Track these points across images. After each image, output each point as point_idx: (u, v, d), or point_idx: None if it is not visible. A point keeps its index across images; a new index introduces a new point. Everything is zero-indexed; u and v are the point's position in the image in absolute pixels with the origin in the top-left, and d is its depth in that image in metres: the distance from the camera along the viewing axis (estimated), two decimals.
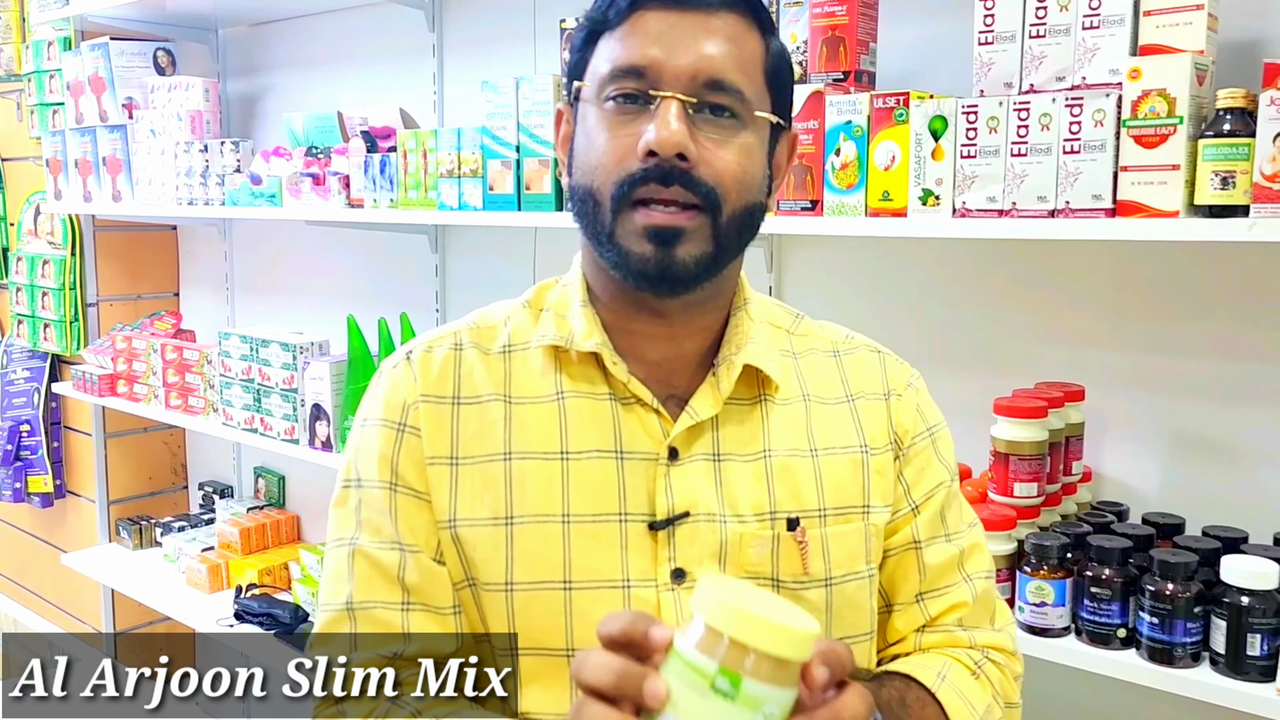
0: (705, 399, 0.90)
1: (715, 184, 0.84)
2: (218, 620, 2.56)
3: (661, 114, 0.83)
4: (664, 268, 0.84)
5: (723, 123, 0.84)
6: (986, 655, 0.96)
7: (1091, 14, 1.28)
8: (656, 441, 0.89)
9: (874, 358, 1.00)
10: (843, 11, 1.50)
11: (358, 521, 0.92)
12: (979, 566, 0.98)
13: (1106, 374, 1.54)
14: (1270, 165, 1.13)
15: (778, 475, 0.90)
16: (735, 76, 0.85)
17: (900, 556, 0.96)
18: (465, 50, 2.33)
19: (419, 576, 0.90)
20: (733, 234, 0.86)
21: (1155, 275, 1.49)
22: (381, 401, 0.93)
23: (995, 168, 1.32)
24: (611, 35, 0.87)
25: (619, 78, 0.85)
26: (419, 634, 0.90)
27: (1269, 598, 1.19)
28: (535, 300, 0.97)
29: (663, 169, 0.82)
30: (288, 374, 2.34)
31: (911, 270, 1.72)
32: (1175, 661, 1.24)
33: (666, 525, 0.87)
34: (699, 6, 0.85)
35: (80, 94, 2.87)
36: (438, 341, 0.95)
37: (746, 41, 0.87)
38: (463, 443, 0.90)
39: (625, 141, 0.84)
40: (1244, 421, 1.43)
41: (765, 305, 0.99)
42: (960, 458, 1.60)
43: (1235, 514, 1.40)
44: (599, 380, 0.91)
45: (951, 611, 0.96)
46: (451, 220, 2.02)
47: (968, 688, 0.93)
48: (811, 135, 1.48)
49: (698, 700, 0.60)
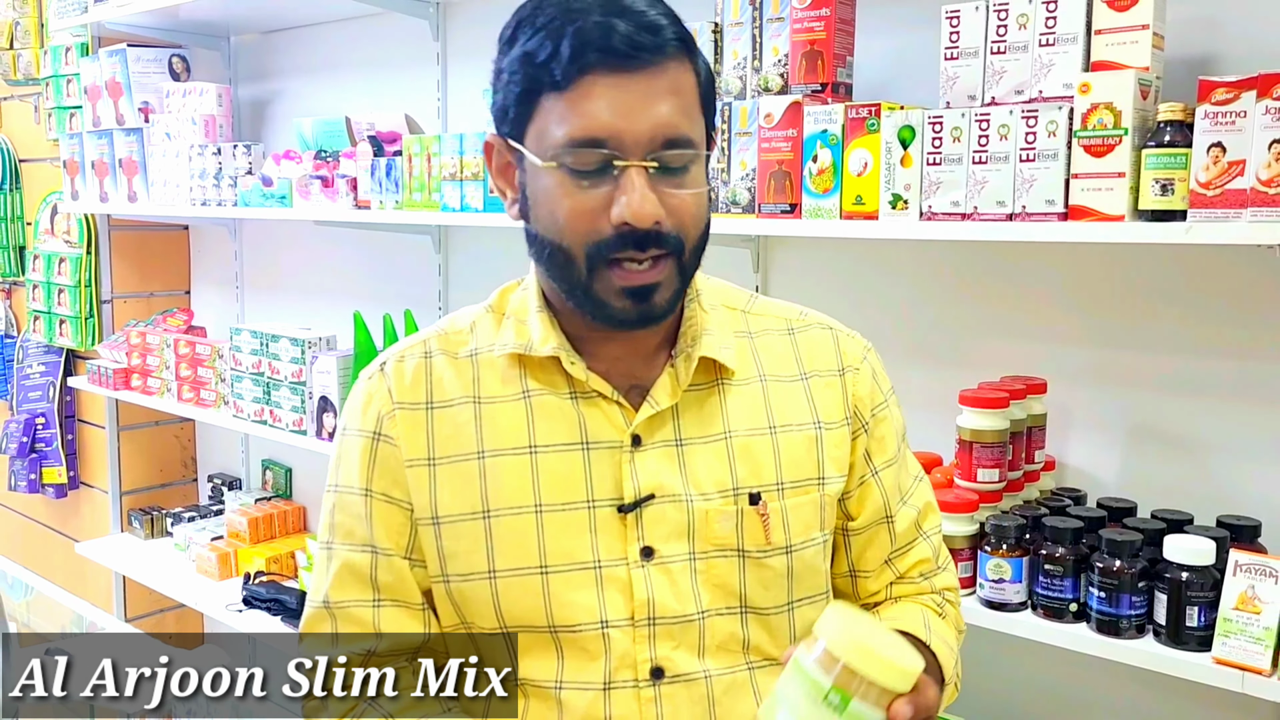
0: (664, 389, 0.98)
1: (680, 232, 0.90)
2: (226, 606, 2.65)
3: (630, 185, 0.87)
4: (643, 315, 0.92)
5: (678, 172, 0.90)
6: (945, 597, 1.10)
7: (1047, 32, 1.38)
8: (620, 430, 0.97)
9: (827, 335, 1.07)
10: (821, 27, 1.60)
11: (333, 525, 1.01)
12: (933, 523, 1.10)
13: (1070, 369, 1.63)
14: (1205, 173, 1.22)
15: (739, 454, 0.99)
16: (685, 127, 0.89)
17: (874, 530, 1.07)
18: (468, 59, 2.44)
19: (390, 575, 0.99)
20: (694, 261, 0.94)
21: (1109, 275, 1.59)
22: (359, 413, 1.01)
23: (958, 174, 1.42)
24: (559, 97, 0.88)
25: (579, 147, 0.87)
26: (390, 630, 0.99)
27: (1206, 573, 1.29)
28: (498, 305, 1.04)
29: (637, 236, 0.88)
30: (296, 368, 2.44)
31: (886, 270, 1.81)
32: (1121, 633, 1.33)
33: (634, 508, 0.96)
34: (646, 66, 0.87)
35: (98, 98, 2.97)
36: (409, 351, 1.03)
37: (685, 82, 0.91)
38: (438, 444, 0.98)
39: (592, 205, 0.88)
40: (1195, 413, 1.53)
41: (718, 290, 1.06)
42: (929, 446, 1.72)
43: (1187, 499, 1.50)
44: (561, 378, 0.98)
45: (916, 567, 1.09)
46: (453, 221, 2.11)
47: (945, 631, 1.06)
48: (790, 143, 1.58)
49: (810, 707, 0.79)
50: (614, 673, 0.96)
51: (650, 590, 0.96)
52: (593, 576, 0.96)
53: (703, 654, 0.97)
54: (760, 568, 0.99)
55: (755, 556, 0.99)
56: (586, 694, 0.96)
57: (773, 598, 1.00)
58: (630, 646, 0.95)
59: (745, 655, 0.99)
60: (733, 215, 1.65)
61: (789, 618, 1.01)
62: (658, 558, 0.96)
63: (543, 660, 0.97)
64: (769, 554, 0.99)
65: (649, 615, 0.96)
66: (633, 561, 0.96)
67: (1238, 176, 1.20)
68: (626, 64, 0.87)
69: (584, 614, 0.95)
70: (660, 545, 0.96)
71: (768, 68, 1.66)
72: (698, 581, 0.97)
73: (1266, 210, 1.18)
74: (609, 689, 0.95)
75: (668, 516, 0.97)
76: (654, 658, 0.96)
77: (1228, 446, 1.50)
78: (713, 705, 0.97)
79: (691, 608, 0.97)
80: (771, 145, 1.60)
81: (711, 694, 0.97)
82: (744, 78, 1.69)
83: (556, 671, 0.97)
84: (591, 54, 0.86)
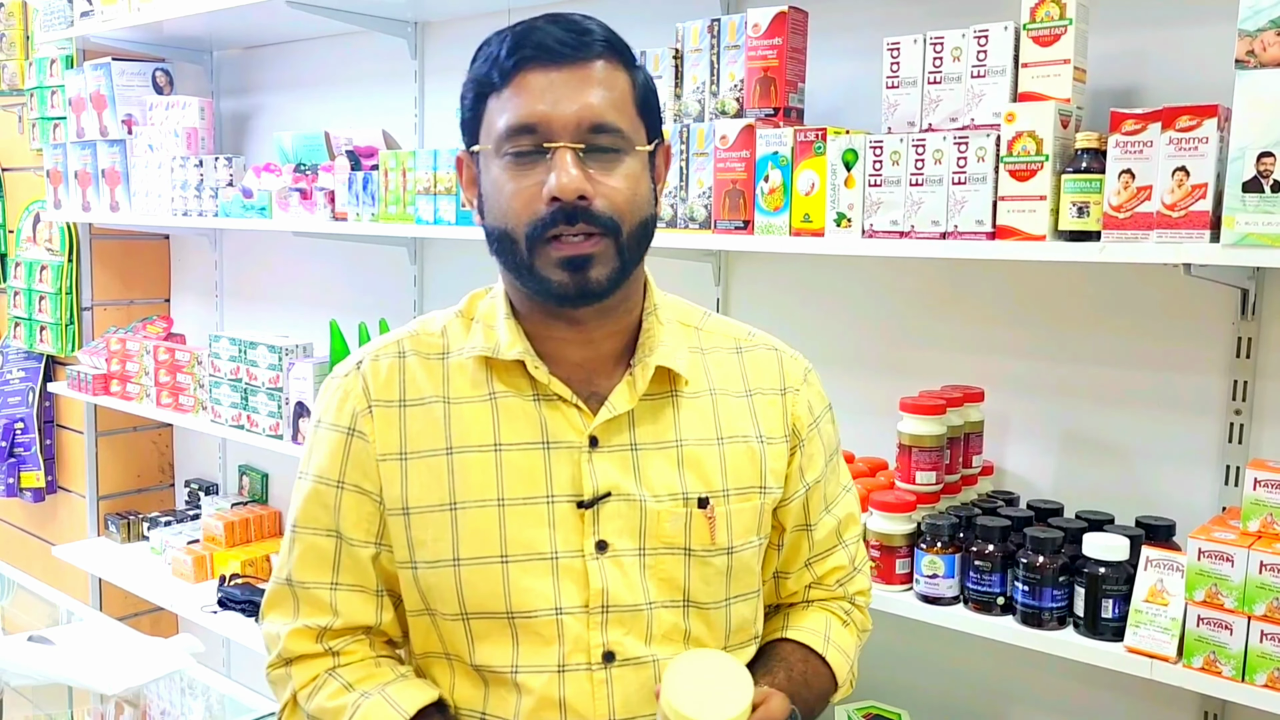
0: (622, 396, 1.06)
1: (613, 213, 0.99)
2: (202, 608, 2.70)
3: (558, 163, 0.97)
4: (581, 288, 1.00)
5: (608, 158, 0.99)
6: (854, 602, 1.19)
7: (979, 64, 1.48)
8: (579, 432, 1.05)
9: (771, 355, 1.17)
10: (773, 55, 1.70)
11: (301, 510, 1.09)
12: (853, 533, 1.20)
13: (1007, 379, 1.73)
14: (1116, 198, 1.33)
15: (688, 462, 1.08)
16: (613, 116, 0.99)
17: (796, 536, 1.17)
18: (444, 77, 2.52)
19: (350, 561, 1.07)
20: (634, 247, 1.02)
21: (1039, 291, 1.69)
22: (334, 408, 1.09)
23: (897, 195, 1.52)
24: (499, 95, 0.99)
25: (514, 135, 0.98)
26: (345, 610, 1.07)
27: (1121, 568, 1.38)
28: (467, 310, 1.13)
29: (566, 210, 0.97)
30: (273, 374, 2.51)
31: (835, 285, 1.91)
32: (1044, 625, 1.43)
33: (593, 504, 1.04)
34: (573, 61, 0.98)
35: (82, 110, 3.04)
36: (384, 351, 1.10)
37: (617, 82, 1.00)
38: (410, 439, 1.06)
39: (529, 189, 0.98)
40: (1119, 421, 1.63)
41: (674, 306, 1.16)
42: (873, 451, 1.81)
43: (1112, 501, 1.60)
44: (525, 382, 1.06)
45: (833, 574, 1.19)
46: (428, 234, 2.19)
47: (844, 640, 1.17)
48: (744, 163, 1.67)
49: None
50: (567, 656, 1.03)
51: (605, 580, 1.04)
52: (549, 566, 1.04)
53: (650, 641, 1.06)
54: (703, 565, 1.07)
55: (700, 555, 1.07)
56: (541, 676, 1.03)
57: (712, 593, 1.09)
58: (584, 632, 1.03)
59: (686, 645, 1.08)
60: (690, 231, 1.75)
61: (726, 612, 1.10)
62: (611, 551, 1.04)
63: (499, 646, 1.05)
64: (712, 553, 1.08)
65: (603, 604, 1.04)
66: (588, 554, 1.04)
67: (1145, 201, 1.31)
68: (556, 59, 0.97)
69: (540, 600, 1.03)
70: (614, 540, 1.04)
71: (724, 92, 1.75)
72: (646, 576, 1.05)
73: (1171, 232, 1.28)
74: (563, 671, 1.03)
75: (622, 514, 1.05)
76: (606, 643, 1.04)
77: (1148, 452, 1.60)
78: None
79: (640, 599, 1.05)
80: (726, 165, 1.69)
81: (658, 676, 1.04)
82: (702, 101, 1.79)
83: (512, 657, 1.04)
84: (525, 50, 0.98)
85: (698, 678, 0.94)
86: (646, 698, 1.04)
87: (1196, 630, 1.29)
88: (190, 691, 1.74)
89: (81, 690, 1.72)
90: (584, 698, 1.03)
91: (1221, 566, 1.27)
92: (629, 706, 1.04)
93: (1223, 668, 1.28)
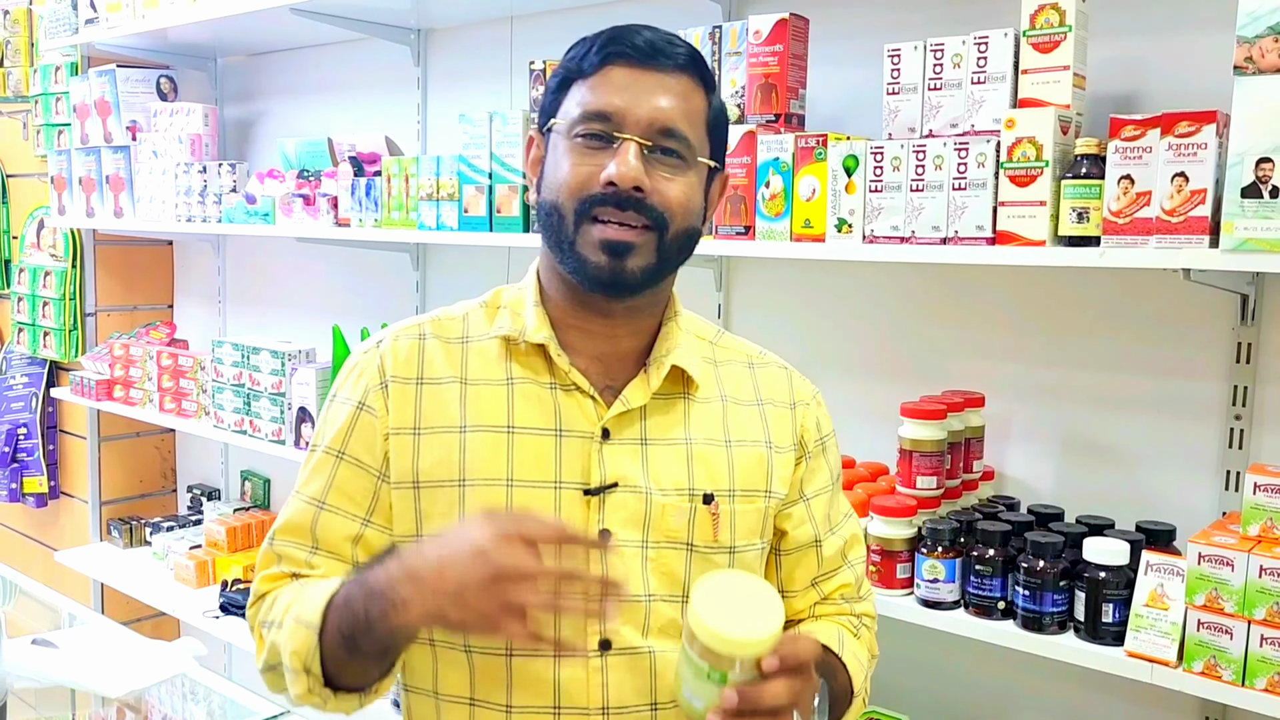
0: (637, 391, 1.08)
1: (664, 210, 1.02)
2: (203, 612, 2.71)
3: (622, 153, 1.01)
4: (615, 275, 1.02)
5: (671, 162, 1.03)
6: (862, 621, 1.20)
7: (979, 71, 1.49)
8: (592, 422, 1.07)
9: (782, 373, 1.19)
10: (775, 62, 1.71)
11: (302, 477, 1.12)
12: (858, 554, 1.22)
13: (1007, 384, 1.74)
14: (1116, 203, 1.33)
15: (696, 459, 1.09)
16: (683, 126, 1.03)
17: (802, 553, 1.17)
18: (446, 84, 2.53)
19: (328, 531, 1.09)
20: (674, 251, 1.05)
21: (1040, 296, 1.70)
22: (350, 383, 1.11)
23: (898, 201, 1.53)
24: (584, 83, 1.04)
25: (588, 119, 1.03)
26: (319, 569, 1.09)
27: (1121, 572, 1.39)
28: (493, 300, 1.16)
29: (620, 196, 1.00)
30: (276, 379, 2.52)
31: (836, 290, 1.92)
32: (1044, 629, 1.43)
33: (600, 492, 1.05)
34: (658, 67, 1.03)
35: (87, 116, 3.05)
36: (404, 332, 1.13)
37: (694, 98, 1.05)
38: (425, 415, 1.08)
39: (589, 169, 1.02)
40: (1120, 426, 1.63)
41: (692, 320, 1.18)
42: (874, 456, 1.82)
43: (1113, 506, 1.60)
44: (544, 369, 1.09)
45: (839, 591, 1.20)
46: (430, 239, 2.20)
47: (857, 649, 1.17)
48: (745, 169, 1.68)
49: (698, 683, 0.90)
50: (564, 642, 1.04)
51: (605, 569, 1.04)
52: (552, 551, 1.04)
53: (647, 633, 1.06)
54: (705, 562, 1.08)
55: (701, 551, 1.08)
56: (536, 660, 1.04)
57: None
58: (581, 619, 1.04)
59: None
60: None
61: None
62: (613, 541, 1.05)
63: None
64: (714, 550, 1.09)
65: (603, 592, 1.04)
66: None
67: (1145, 206, 1.31)
68: (643, 60, 1.03)
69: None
70: (617, 530, 1.05)
71: (726, 98, 1.76)
72: (648, 568, 1.06)
73: (1170, 237, 1.29)
74: (559, 657, 1.04)
75: (627, 505, 1.06)
76: (603, 630, 1.04)
77: (1149, 457, 1.61)
78: (654, 678, 1.06)
79: (640, 590, 1.06)
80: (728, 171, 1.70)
81: (654, 668, 1.06)
82: None
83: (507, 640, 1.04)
84: (616, 46, 1.03)
85: (728, 596, 0.93)
86: (641, 688, 1.05)
87: (1197, 635, 1.30)
88: (192, 695, 1.74)
89: (84, 693, 1.72)
90: (578, 684, 1.04)
91: (1222, 571, 1.27)
92: (623, 696, 1.05)
93: (1223, 672, 1.28)
